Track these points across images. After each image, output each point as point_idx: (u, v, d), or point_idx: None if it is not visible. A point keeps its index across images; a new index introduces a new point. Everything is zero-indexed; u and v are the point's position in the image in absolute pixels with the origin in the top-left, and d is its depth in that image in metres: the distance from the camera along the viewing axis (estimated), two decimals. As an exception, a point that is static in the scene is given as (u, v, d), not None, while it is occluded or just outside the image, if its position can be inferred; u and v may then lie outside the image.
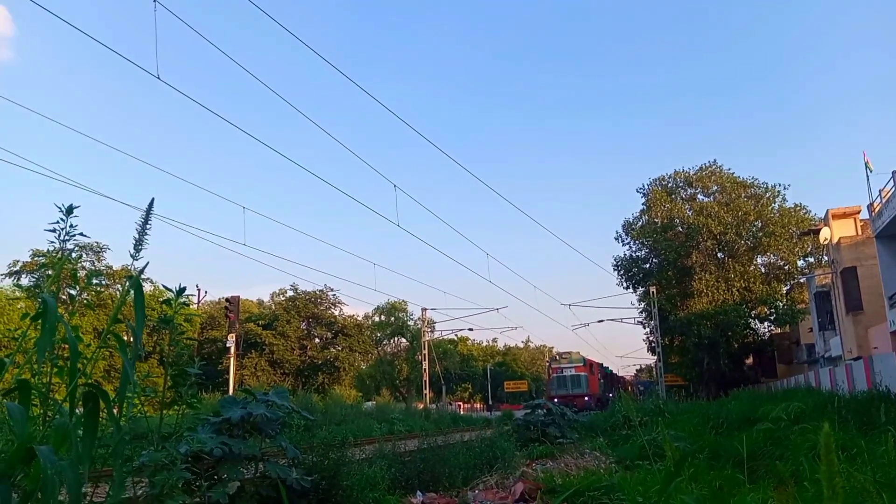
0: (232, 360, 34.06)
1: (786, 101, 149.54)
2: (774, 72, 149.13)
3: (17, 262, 51.41)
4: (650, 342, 56.15)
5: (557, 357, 56.59)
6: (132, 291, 2.54)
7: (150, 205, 3.16)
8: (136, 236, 3.04)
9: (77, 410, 2.44)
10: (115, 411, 2.69)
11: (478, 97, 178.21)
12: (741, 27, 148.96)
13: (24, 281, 49.55)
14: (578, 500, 8.31)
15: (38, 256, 48.62)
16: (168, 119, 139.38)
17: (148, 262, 2.98)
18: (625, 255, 57.81)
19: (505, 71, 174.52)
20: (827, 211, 39.67)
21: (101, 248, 52.05)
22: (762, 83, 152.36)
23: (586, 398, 50.10)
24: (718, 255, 53.16)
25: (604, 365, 65.91)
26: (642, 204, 56.83)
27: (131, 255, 3.03)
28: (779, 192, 52.54)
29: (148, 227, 3.05)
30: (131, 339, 2.73)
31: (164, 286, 4.52)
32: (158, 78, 15.07)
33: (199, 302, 57.62)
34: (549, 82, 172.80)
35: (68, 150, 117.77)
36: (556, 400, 28.52)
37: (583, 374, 52.51)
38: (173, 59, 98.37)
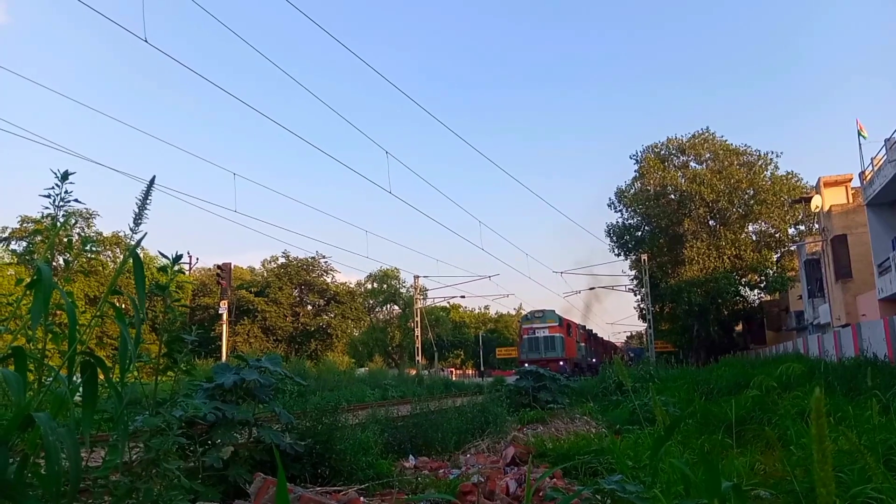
0: (224, 326, 34.15)
1: (780, 69, 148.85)
2: (769, 40, 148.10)
3: (6, 228, 51.16)
4: (641, 309, 56.51)
5: (529, 315, 48.78)
6: (130, 261, 2.54)
7: (152, 182, 3.15)
8: (136, 211, 3.03)
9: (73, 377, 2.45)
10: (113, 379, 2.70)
11: (471, 63, 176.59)
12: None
13: (14, 247, 49.34)
14: (569, 464, 8.41)
15: (28, 223, 48.33)
16: (156, 83, 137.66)
17: (146, 234, 2.98)
18: (617, 222, 58.04)
19: (500, 36, 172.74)
20: (819, 179, 39.74)
21: (90, 215, 51.76)
22: (756, 52, 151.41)
23: (561, 363, 43.07)
24: (710, 222, 53.34)
25: (587, 327, 60.92)
26: (635, 171, 56.93)
27: (131, 229, 3.03)
28: (771, 159, 52.69)
29: (148, 202, 3.05)
30: (128, 308, 2.73)
31: (160, 252, 4.51)
32: (146, 41, 14.88)
33: (190, 269, 57.57)
34: (544, 48, 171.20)
35: (53, 114, 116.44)
36: (526, 365, 25.57)
37: (557, 335, 45.83)
38: (161, 21, 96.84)
